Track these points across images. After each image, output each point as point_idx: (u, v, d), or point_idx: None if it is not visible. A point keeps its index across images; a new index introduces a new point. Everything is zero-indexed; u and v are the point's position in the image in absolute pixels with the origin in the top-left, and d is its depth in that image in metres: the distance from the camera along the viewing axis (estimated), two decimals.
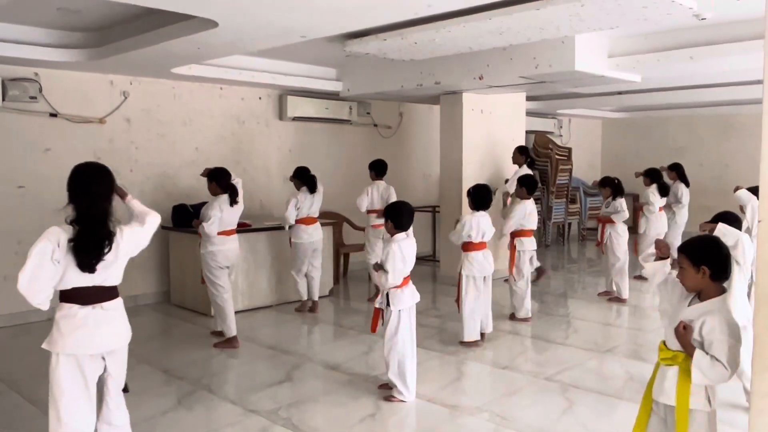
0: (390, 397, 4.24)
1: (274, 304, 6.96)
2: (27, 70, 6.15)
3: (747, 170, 11.49)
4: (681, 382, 2.57)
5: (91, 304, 2.87)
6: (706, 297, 2.57)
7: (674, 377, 2.59)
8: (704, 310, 2.54)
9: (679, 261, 2.62)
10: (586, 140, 13.59)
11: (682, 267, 2.60)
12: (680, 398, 2.56)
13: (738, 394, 4.05)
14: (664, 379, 2.63)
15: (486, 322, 5.52)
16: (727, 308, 2.54)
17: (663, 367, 2.65)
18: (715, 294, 2.56)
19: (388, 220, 4.25)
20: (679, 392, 2.57)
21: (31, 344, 5.67)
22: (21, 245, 6.20)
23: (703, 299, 2.58)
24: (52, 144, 6.35)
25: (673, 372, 2.60)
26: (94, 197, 2.84)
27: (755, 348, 1.90)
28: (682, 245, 2.64)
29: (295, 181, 6.58)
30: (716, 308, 2.52)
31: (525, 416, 3.97)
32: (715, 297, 2.55)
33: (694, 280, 2.57)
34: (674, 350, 2.61)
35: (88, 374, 2.87)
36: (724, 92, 8.89)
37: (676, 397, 2.57)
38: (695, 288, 2.59)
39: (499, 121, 8.38)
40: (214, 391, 4.44)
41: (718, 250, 2.57)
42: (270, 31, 4.59)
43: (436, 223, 9.56)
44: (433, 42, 5.42)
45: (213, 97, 7.58)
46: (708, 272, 2.52)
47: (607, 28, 4.89)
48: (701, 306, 2.56)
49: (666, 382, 2.61)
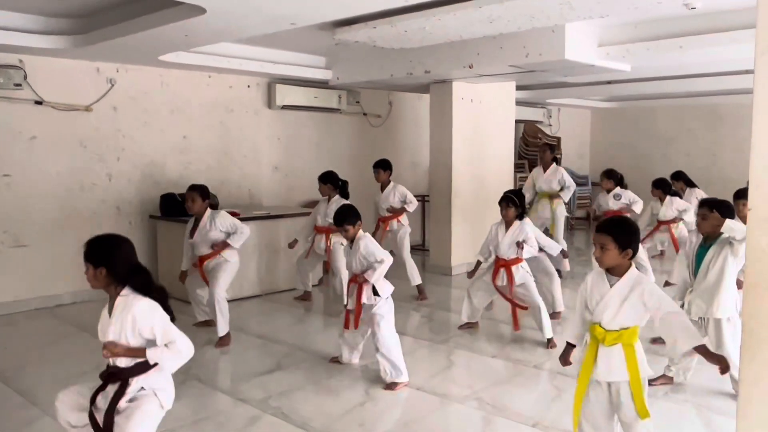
0: (393, 385, 4.26)
1: (263, 294, 6.95)
2: (11, 56, 6.05)
3: (734, 160, 11.59)
4: (629, 357, 2.76)
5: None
6: (620, 271, 2.79)
7: (620, 354, 2.76)
8: (632, 283, 2.77)
9: (600, 241, 2.78)
10: (575, 130, 13.62)
11: (605, 247, 2.76)
12: (633, 372, 2.75)
13: (723, 381, 4.09)
14: (610, 360, 2.77)
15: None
16: (642, 275, 2.82)
17: (605, 348, 2.79)
18: (628, 267, 2.80)
19: (354, 225, 4.39)
20: (631, 366, 2.75)
21: (15, 335, 5.63)
22: (7, 234, 6.15)
23: (615, 274, 2.80)
24: (38, 132, 6.27)
25: (617, 350, 2.77)
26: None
27: (743, 336, 1.91)
28: (605, 226, 2.83)
29: (328, 187, 6.33)
30: (639, 275, 2.80)
31: (514, 404, 3.99)
32: (629, 270, 2.79)
33: (615, 260, 2.77)
34: (617, 329, 2.78)
35: None
36: (714, 82, 8.92)
37: (629, 370, 2.75)
38: (611, 265, 2.79)
39: (488, 110, 8.37)
40: (204, 381, 4.43)
41: (638, 234, 2.86)
42: (258, 18, 4.54)
43: (426, 212, 9.56)
44: (423, 30, 5.39)
45: (201, 85, 7.51)
46: (631, 253, 2.76)
47: (598, 16, 4.89)
48: (625, 280, 2.78)
49: (613, 361, 2.77)
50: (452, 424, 3.85)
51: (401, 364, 4.30)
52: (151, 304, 2.71)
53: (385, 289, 4.37)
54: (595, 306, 2.84)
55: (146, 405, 2.75)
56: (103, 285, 2.75)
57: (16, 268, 6.13)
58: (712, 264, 3.93)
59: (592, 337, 2.85)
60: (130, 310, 2.67)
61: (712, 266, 3.92)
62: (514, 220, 5.16)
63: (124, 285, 2.73)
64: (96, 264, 2.71)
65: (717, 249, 3.92)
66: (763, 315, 1.85)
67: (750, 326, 1.89)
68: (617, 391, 2.80)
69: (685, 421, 3.81)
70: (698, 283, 3.98)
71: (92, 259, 2.73)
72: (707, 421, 3.78)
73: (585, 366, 2.84)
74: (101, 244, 2.76)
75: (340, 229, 4.45)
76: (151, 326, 2.69)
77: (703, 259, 3.98)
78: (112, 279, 2.72)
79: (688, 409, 3.94)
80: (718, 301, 3.89)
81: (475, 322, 5.56)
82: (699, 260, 4.02)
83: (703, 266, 3.97)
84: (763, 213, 1.83)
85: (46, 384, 4.29)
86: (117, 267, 2.71)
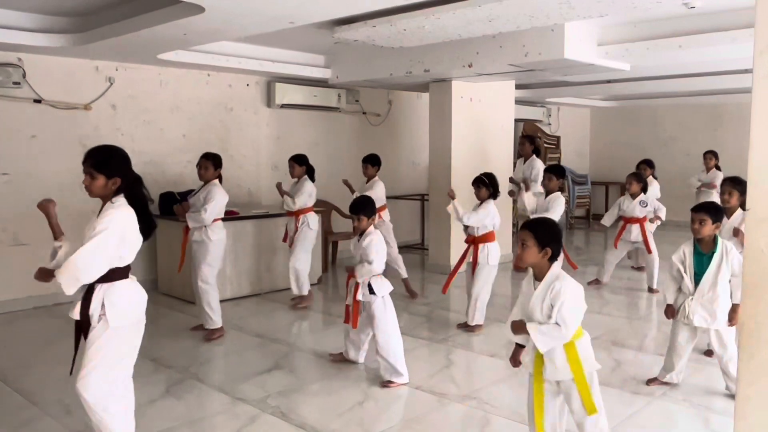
0: (388, 383, 4.26)
1: (262, 293, 6.95)
2: (10, 55, 6.05)
3: (734, 160, 11.58)
4: (570, 356, 2.81)
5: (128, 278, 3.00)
6: (541, 273, 2.85)
7: (562, 354, 2.82)
8: (549, 282, 2.82)
9: (523, 238, 2.84)
10: (574, 129, 13.62)
11: (526, 245, 2.82)
12: (576, 368, 2.81)
13: (721, 381, 4.09)
14: (554, 360, 2.83)
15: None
16: (563, 274, 2.85)
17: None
18: (548, 269, 2.84)
19: (363, 216, 4.33)
20: (573, 364, 2.81)
21: (14, 333, 5.63)
22: (6, 233, 6.15)
23: (539, 277, 2.86)
24: (37, 131, 6.26)
25: (559, 351, 2.82)
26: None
27: (741, 336, 1.91)
28: (530, 225, 2.89)
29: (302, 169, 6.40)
30: (556, 275, 2.83)
31: (513, 403, 3.99)
32: (549, 271, 2.83)
33: (535, 258, 2.82)
34: None
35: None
36: (713, 81, 8.93)
37: (571, 369, 2.81)
38: (531, 264, 2.86)
39: (488, 109, 8.37)
40: (202, 380, 4.43)
41: (560, 235, 2.91)
42: (257, 17, 4.53)
43: (425, 211, 9.56)
44: (422, 29, 5.39)
45: (200, 83, 7.50)
46: (550, 253, 2.81)
47: (597, 16, 4.89)
48: (546, 280, 2.82)
49: (556, 361, 2.83)
50: (451, 423, 3.84)
51: (401, 366, 4.28)
52: (121, 214, 2.86)
53: (381, 288, 4.33)
54: (525, 308, 2.91)
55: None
56: (108, 195, 2.90)
57: (16, 266, 6.12)
58: (721, 277, 3.90)
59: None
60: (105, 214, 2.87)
61: (720, 279, 3.90)
62: (487, 200, 5.40)
63: (119, 194, 2.91)
64: (110, 174, 2.87)
65: (718, 259, 3.92)
66: (762, 315, 1.85)
67: (748, 326, 1.88)
68: (567, 389, 2.86)
69: (683, 421, 3.81)
70: (702, 293, 3.95)
71: (107, 169, 2.87)
72: (705, 420, 3.78)
73: (536, 367, 2.89)
74: (117, 155, 2.95)
75: (354, 217, 4.38)
76: (94, 226, 2.83)
77: (701, 267, 3.96)
78: (119, 190, 2.90)
79: (686, 409, 3.93)
80: (725, 313, 3.92)
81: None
82: (697, 267, 4.00)
83: (708, 276, 3.92)
84: (762, 213, 1.82)
85: (45, 383, 4.29)
86: (128, 178, 2.93)
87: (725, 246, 3.93)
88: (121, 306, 2.89)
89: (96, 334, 2.86)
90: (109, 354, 2.87)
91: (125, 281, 2.94)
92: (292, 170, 6.33)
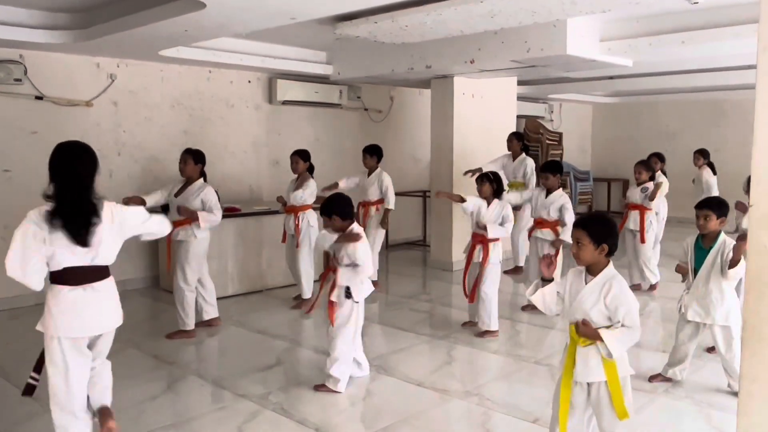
0: (321, 387, 4.12)
1: (264, 289, 6.95)
2: (12, 51, 6.04)
3: (738, 156, 11.54)
4: (605, 358, 2.72)
5: (82, 284, 2.87)
6: (597, 270, 2.77)
7: (597, 355, 2.74)
8: (605, 279, 2.74)
9: (577, 237, 2.76)
10: (576, 125, 13.59)
11: (580, 243, 2.74)
12: (610, 372, 2.73)
13: (724, 377, 4.09)
14: (587, 360, 2.76)
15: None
16: (619, 274, 2.78)
17: (582, 349, 2.77)
18: (605, 266, 2.77)
19: (336, 217, 4.01)
20: (607, 367, 2.73)
21: (18, 329, 5.63)
22: (8, 230, 6.12)
23: (593, 272, 2.78)
24: (39, 127, 6.26)
25: (594, 351, 2.74)
26: (75, 174, 2.86)
27: (744, 333, 1.90)
28: (583, 222, 2.81)
29: (306, 164, 6.33)
30: (613, 275, 2.76)
31: (515, 400, 3.99)
32: (605, 268, 2.76)
33: (591, 256, 2.74)
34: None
35: (83, 352, 2.96)
36: (716, 77, 8.89)
37: (605, 372, 2.73)
38: (589, 262, 2.77)
39: (490, 105, 8.35)
40: (203, 376, 4.43)
41: (616, 231, 2.83)
42: (259, 13, 4.52)
43: (427, 207, 9.55)
44: (424, 25, 5.37)
45: (201, 80, 7.49)
46: (607, 249, 2.73)
47: (599, 11, 4.87)
48: (600, 277, 2.75)
49: (590, 362, 2.75)
50: (452, 420, 3.84)
51: (341, 376, 4.08)
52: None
53: (360, 293, 4.06)
54: (569, 305, 2.83)
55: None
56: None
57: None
58: (714, 273, 3.90)
59: (570, 338, 2.83)
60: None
61: (714, 275, 3.90)
62: (491, 197, 5.27)
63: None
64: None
65: (714, 254, 3.91)
66: (764, 311, 1.84)
67: (751, 323, 1.88)
68: (597, 391, 2.79)
69: (686, 418, 3.81)
70: (696, 287, 3.96)
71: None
72: (708, 417, 3.78)
73: (566, 368, 2.83)
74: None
75: (326, 219, 4.07)
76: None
77: (700, 262, 3.97)
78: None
79: (689, 406, 3.93)
80: (723, 308, 3.90)
81: (477, 321, 5.54)
82: (698, 261, 4.00)
83: (703, 271, 3.94)
84: (765, 209, 1.81)
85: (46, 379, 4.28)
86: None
87: (724, 242, 3.91)
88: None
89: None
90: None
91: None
92: (295, 165, 6.26)
